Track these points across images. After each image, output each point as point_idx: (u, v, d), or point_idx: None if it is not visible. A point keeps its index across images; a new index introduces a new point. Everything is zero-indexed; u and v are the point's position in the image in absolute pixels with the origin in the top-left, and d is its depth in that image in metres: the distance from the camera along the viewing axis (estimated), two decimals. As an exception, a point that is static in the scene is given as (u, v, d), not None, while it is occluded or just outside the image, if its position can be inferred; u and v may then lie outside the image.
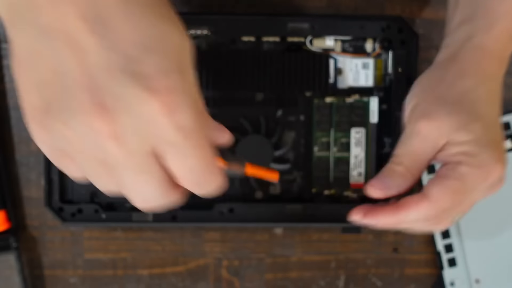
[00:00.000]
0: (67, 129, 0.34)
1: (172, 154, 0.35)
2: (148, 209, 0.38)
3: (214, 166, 0.37)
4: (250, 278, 0.64)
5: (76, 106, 0.33)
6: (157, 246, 0.63)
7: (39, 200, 0.61)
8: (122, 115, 0.33)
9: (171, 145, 0.35)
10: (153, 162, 0.35)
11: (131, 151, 0.34)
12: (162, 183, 0.36)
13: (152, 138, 0.34)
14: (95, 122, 0.33)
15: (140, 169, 0.35)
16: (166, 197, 0.37)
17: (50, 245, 0.62)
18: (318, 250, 0.64)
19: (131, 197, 0.37)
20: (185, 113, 0.34)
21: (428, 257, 0.64)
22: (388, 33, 0.59)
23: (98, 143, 0.34)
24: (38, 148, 0.36)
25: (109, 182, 0.36)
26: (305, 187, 0.61)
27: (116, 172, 0.35)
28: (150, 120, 0.34)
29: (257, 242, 0.63)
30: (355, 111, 0.60)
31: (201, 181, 0.37)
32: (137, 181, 0.36)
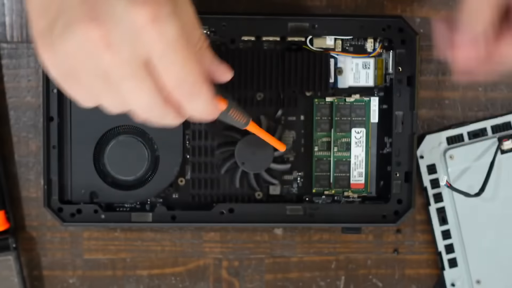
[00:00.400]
0: (67, 43, 0.38)
1: (161, 64, 0.39)
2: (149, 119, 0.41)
3: (202, 79, 0.40)
4: (250, 278, 0.63)
5: (74, 19, 0.37)
6: (157, 247, 0.63)
7: (38, 200, 0.61)
8: (113, 24, 0.37)
9: (159, 55, 0.38)
10: (146, 71, 0.39)
11: (124, 59, 0.38)
12: (156, 91, 0.39)
13: (142, 48, 0.38)
14: (89, 31, 0.37)
15: (134, 77, 0.38)
16: (162, 108, 0.40)
17: (49, 246, 0.62)
18: (318, 251, 0.64)
19: (131, 108, 0.40)
20: (171, 24, 0.38)
21: (429, 257, 0.64)
22: (389, 32, 0.59)
23: (94, 52, 0.38)
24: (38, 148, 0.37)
25: (111, 97, 0.40)
26: (305, 187, 0.61)
27: (114, 84, 0.39)
28: (137, 29, 0.37)
29: (257, 242, 0.63)
30: (355, 111, 0.60)
31: (189, 92, 0.40)
32: (133, 89, 0.39)
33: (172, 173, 0.59)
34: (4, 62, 0.61)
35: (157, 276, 0.63)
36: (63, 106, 0.58)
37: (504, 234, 0.62)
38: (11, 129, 0.61)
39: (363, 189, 0.61)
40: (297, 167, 0.61)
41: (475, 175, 0.61)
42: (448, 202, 0.62)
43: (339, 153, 0.60)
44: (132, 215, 0.59)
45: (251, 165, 0.58)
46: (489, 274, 0.63)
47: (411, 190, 0.59)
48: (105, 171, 0.59)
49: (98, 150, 0.59)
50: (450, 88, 0.63)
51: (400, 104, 0.59)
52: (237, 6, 0.61)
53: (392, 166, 0.59)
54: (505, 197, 0.62)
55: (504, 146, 0.61)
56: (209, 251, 0.63)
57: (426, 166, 0.62)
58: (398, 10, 0.62)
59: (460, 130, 0.62)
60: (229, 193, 0.60)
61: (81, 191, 0.59)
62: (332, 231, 0.63)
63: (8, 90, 0.61)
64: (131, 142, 0.59)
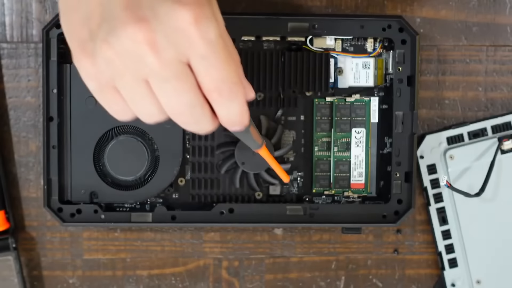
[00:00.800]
0: (110, 48, 0.39)
1: (202, 65, 0.39)
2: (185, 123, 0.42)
3: (240, 81, 0.41)
4: (250, 278, 0.63)
5: (117, 24, 0.38)
6: (157, 247, 0.63)
7: (38, 200, 0.61)
8: (159, 25, 0.38)
9: (201, 56, 0.39)
10: (187, 71, 0.39)
11: (167, 60, 0.39)
12: (196, 92, 0.40)
13: (184, 48, 0.39)
14: (135, 32, 0.38)
15: (176, 77, 0.39)
16: (200, 110, 0.41)
17: (49, 246, 0.62)
18: (318, 251, 0.64)
19: (170, 110, 0.41)
20: (212, 26, 0.39)
21: (429, 257, 0.64)
22: (389, 32, 0.59)
23: (139, 53, 0.38)
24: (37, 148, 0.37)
25: (149, 103, 0.40)
26: (305, 187, 0.61)
27: (155, 87, 0.40)
28: (181, 29, 0.38)
29: (257, 242, 0.63)
30: (355, 111, 0.60)
31: (228, 93, 0.41)
32: (174, 90, 0.40)
33: (172, 173, 0.59)
34: (4, 62, 0.61)
35: (157, 276, 0.63)
36: (63, 106, 0.58)
37: (504, 234, 0.62)
38: (11, 129, 0.61)
39: (363, 189, 0.61)
40: (297, 167, 0.61)
41: (475, 175, 0.61)
42: (448, 202, 0.62)
43: (339, 153, 0.60)
44: (132, 215, 0.59)
45: (251, 165, 0.58)
46: (489, 274, 0.63)
47: (411, 190, 0.59)
48: (105, 171, 0.59)
49: (98, 150, 0.59)
50: (450, 88, 0.63)
51: (400, 104, 0.59)
52: (237, 6, 0.61)
53: (392, 166, 0.59)
54: (505, 197, 0.62)
55: (504, 146, 0.61)
56: (209, 251, 0.63)
57: (426, 166, 0.62)
58: (398, 10, 0.62)
59: (460, 130, 0.62)
60: (229, 193, 0.60)
61: (81, 191, 0.59)
62: (332, 231, 0.63)
63: (8, 90, 0.61)
64: (131, 142, 0.59)
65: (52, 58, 0.57)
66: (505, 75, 0.63)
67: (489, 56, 0.62)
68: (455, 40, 0.62)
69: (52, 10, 0.60)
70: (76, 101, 0.58)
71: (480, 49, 0.62)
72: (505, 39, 0.62)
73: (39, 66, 0.60)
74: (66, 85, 0.58)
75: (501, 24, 0.62)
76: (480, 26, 0.62)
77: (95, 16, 0.40)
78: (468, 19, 0.62)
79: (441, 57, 0.62)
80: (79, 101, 0.58)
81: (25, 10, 0.60)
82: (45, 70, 0.57)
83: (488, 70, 0.63)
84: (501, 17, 0.62)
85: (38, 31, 0.60)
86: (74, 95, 0.58)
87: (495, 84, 0.63)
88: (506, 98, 0.63)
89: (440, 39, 0.62)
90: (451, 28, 0.62)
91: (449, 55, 0.62)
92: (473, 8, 0.62)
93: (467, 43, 0.62)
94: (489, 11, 0.62)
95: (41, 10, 0.60)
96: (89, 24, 0.40)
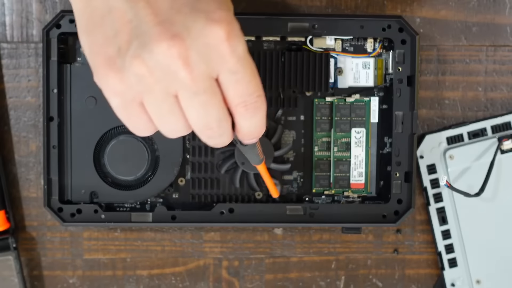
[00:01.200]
0: (142, 63, 0.40)
1: (230, 79, 0.41)
2: (209, 137, 0.43)
3: (263, 94, 0.43)
4: (250, 278, 0.63)
5: (150, 40, 0.40)
6: (157, 247, 0.63)
7: (38, 200, 0.61)
8: (192, 41, 0.40)
9: (230, 71, 0.41)
10: (215, 86, 0.41)
11: (198, 75, 0.40)
12: (223, 107, 0.42)
13: (215, 64, 0.40)
14: (169, 48, 0.39)
15: (206, 92, 0.41)
16: (225, 124, 0.43)
17: (49, 246, 0.62)
18: (318, 251, 0.64)
19: (198, 125, 0.42)
20: (241, 43, 0.41)
21: (429, 257, 0.64)
22: (389, 32, 0.59)
23: (171, 68, 0.40)
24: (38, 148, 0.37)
25: (175, 118, 0.42)
26: (305, 187, 0.61)
27: (184, 101, 0.41)
28: (214, 45, 0.40)
29: (257, 242, 0.63)
30: (355, 111, 0.60)
31: (254, 106, 0.42)
32: (203, 105, 0.41)
33: (172, 173, 0.59)
34: (4, 62, 0.61)
35: (157, 276, 0.63)
36: (63, 106, 0.58)
37: (504, 234, 0.62)
38: (11, 129, 0.61)
39: (363, 189, 0.61)
40: (297, 167, 0.61)
41: (475, 175, 0.61)
42: (448, 202, 0.62)
43: (339, 153, 0.60)
44: (132, 215, 0.59)
45: (251, 165, 0.58)
46: (489, 274, 0.63)
47: (411, 190, 0.59)
48: (105, 171, 0.59)
49: (98, 150, 0.59)
50: (450, 88, 0.63)
51: (400, 104, 0.59)
52: (237, 6, 0.61)
53: (392, 166, 0.59)
54: (505, 197, 0.62)
55: (504, 146, 0.61)
56: (209, 251, 0.63)
57: (426, 166, 0.62)
58: (398, 10, 0.62)
59: (460, 130, 0.62)
60: (229, 193, 0.60)
61: (81, 191, 0.59)
62: (332, 231, 0.63)
63: (8, 90, 0.61)
64: (131, 142, 0.59)
65: (52, 58, 0.57)
66: (505, 75, 0.63)
67: (489, 56, 0.63)
68: (455, 40, 0.62)
69: (52, 10, 0.60)
70: (76, 101, 0.58)
71: (480, 49, 0.62)
72: (505, 39, 0.62)
73: (39, 66, 0.60)
74: (66, 85, 0.58)
75: (501, 24, 0.62)
76: (480, 26, 0.62)
77: (124, 32, 0.40)
78: (468, 19, 0.62)
79: (441, 57, 0.62)
80: (79, 101, 0.58)
81: (25, 10, 0.60)
82: (45, 70, 0.57)
83: (488, 70, 0.63)
84: (501, 17, 0.62)
85: (38, 31, 0.60)
86: (74, 95, 0.58)
87: (495, 84, 0.63)
88: (506, 98, 0.63)
89: (440, 39, 0.62)
90: (451, 28, 0.62)
91: (449, 55, 0.62)
92: (473, 8, 0.62)
93: (467, 43, 0.62)
94: (489, 11, 0.62)
95: (41, 10, 0.60)
96: (116, 41, 0.40)
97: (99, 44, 0.41)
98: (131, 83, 0.41)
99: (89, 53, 0.42)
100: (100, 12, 0.41)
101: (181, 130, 0.43)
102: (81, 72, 0.58)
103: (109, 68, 0.41)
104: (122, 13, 0.40)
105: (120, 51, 0.40)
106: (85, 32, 0.42)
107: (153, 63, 0.40)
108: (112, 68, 0.41)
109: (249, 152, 0.51)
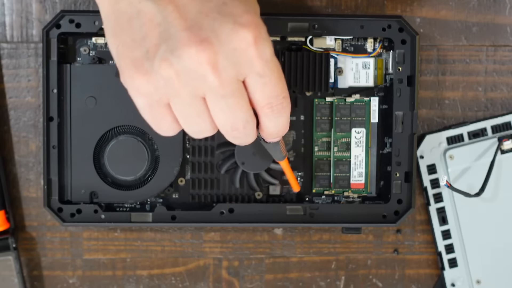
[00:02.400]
0: (171, 66, 0.40)
1: (258, 82, 0.42)
2: (237, 139, 0.44)
3: (288, 95, 0.44)
4: (250, 278, 0.63)
5: (179, 44, 0.40)
6: (157, 247, 0.63)
7: (38, 200, 0.61)
8: (220, 46, 0.40)
9: (258, 74, 0.41)
10: (242, 88, 0.42)
11: (226, 79, 0.41)
12: (249, 109, 0.43)
13: (243, 67, 0.41)
14: (198, 53, 0.40)
15: (233, 94, 0.41)
16: (252, 125, 0.43)
17: (49, 246, 0.62)
18: (318, 251, 0.64)
19: (225, 126, 0.43)
20: (268, 46, 0.42)
21: (429, 257, 0.64)
22: (389, 32, 0.59)
23: (199, 72, 0.40)
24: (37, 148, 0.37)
25: (203, 119, 0.43)
26: (305, 187, 0.61)
27: (211, 104, 0.42)
28: (242, 49, 0.41)
29: (257, 242, 0.63)
30: (355, 111, 0.60)
31: (280, 107, 0.43)
32: (230, 107, 0.42)
33: (172, 173, 0.59)
34: (4, 62, 0.61)
35: (157, 276, 0.63)
36: (63, 106, 0.58)
37: (504, 234, 0.62)
38: (11, 129, 0.61)
39: (363, 189, 0.61)
40: (297, 167, 0.61)
41: (475, 175, 0.61)
42: (448, 202, 0.62)
43: (339, 153, 0.60)
44: (132, 215, 0.59)
45: (251, 165, 0.58)
46: (489, 274, 0.63)
47: (411, 190, 0.59)
48: (105, 171, 0.59)
49: (98, 150, 0.59)
50: (450, 88, 0.63)
51: (400, 104, 0.59)
52: (237, 6, 0.61)
53: (392, 166, 0.59)
54: (505, 197, 0.62)
55: (504, 146, 0.61)
56: (209, 251, 0.63)
57: (426, 166, 0.62)
58: (398, 10, 0.62)
59: (460, 130, 0.62)
60: (229, 193, 0.60)
61: (81, 191, 0.59)
62: (332, 231, 0.63)
63: (8, 90, 0.61)
64: (131, 142, 0.59)
65: (52, 58, 0.57)
66: (505, 75, 0.63)
67: (489, 56, 0.63)
68: (455, 40, 0.62)
69: (52, 10, 0.60)
70: (76, 101, 0.58)
71: (480, 49, 0.62)
72: (505, 39, 0.62)
73: (39, 66, 0.60)
74: (66, 85, 0.58)
75: (501, 24, 0.62)
76: (480, 26, 0.62)
77: (152, 36, 0.41)
78: (468, 19, 0.62)
79: (441, 57, 0.62)
80: (79, 101, 0.58)
81: (25, 10, 0.60)
82: (45, 70, 0.57)
83: (488, 70, 0.63)
84: (501, 17, 0.62)
85: (38, 31, 0.60)
86: (74, 95, 0.58)
87: (495, 84, 0.63)
88: (506, 98, 0.63)
89: (440, 39, 0.62)
90: (451, 28, 0.62)
91: (449, 55, 0.62)
92: (473, 8, 0.62)
93: (467, 43, 0.62)
94: (489, 11, 0.62)
95: (41, 10, 0.60)
96: (145, 44, 0.41)
97: (126, 46, 0.42)
98: (158, 85, 0.41)
99: (116, 54, 0.43)
100: (128, 15, 0.42)
101: (208, 131, 0.44)
102: (81, 72, 0.58)
103: (136, 70, 0.42)
104: (150, 16, 0.41)
105: (148, 54, 0.41)
106: (113, 34, 0.43)
107: (181, 67, 0.40)
108: (140, 70, 0.41)
109: (272, 149, 0.52)
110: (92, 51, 0.59)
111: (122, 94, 0.58)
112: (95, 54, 0.59)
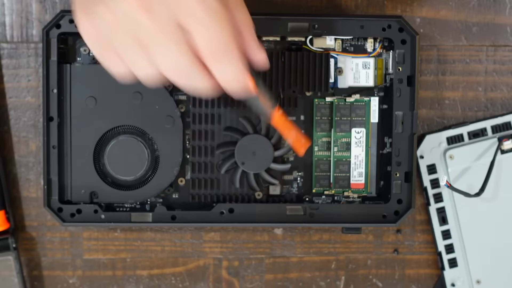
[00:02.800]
0: (108, 10, 0.41)
1: (195, 28, 0.42)
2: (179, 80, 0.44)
3: (234, 45, 0.43)
4: (250, 278, 0.63)
5: None
6: (157, 247, 0.63)
7: (38, 200, 0.61)
8: None
9: (194, 19, 0.41)
10: (180, 33, 0.42)
11: (160, 21, 0.41)
12: (189, 54, 0.42)
13: (178, 11, 0.41)
14: None
15: (169, 38, 0.42)
16: (191, 67, 0.43)
17: (49, 246, 0.62)
18: (318, 251, 0.64)
19: (165, 70, 0.43)
20: None
21: (429, 257, 0.64)
22: (389, 32, 0.59)
23: (132, 16, 0.41)
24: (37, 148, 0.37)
25: (145, 61, 0.43)
26: (305, 187, 0.61)
27: (149, 47, 0.42)
28: None
29: (257, 242, 0.63)
30: (355, 111, 0.60)
31: (219, 53, 0.42)
32: (168, 51, 0.42)
33: (172, 173, 0.59)
34: (4, 62, 0.61)
35: (157, 276, 0.63)
36: (63, 106, 0.58)
37: (504, 234, 0.62)
38: (11, 129, 0.61)
39: (363, 189, 0.61)
40: (297, 167, 0.61)
41: (475, 175, 0.61)
42: (448, 202, 0.62)
43: (339, 153, 0.60)
44: (132, 215, 0.59)
45: (251, 165, 0.58)
46: (489, 274, 0.63)
47: (411, 190, 0.59)
48: (105, 171, 0.59)
49: (98, 150, 0.59)
50: (450, 88, 0.63)
51: (400, 104, 0.59)
52: (237, 6, 0.61)
53: (392, 166, 0.59)
54: (505, 197, 0.62)
55: (504, 146, 0.61)
56: (209, 251, 0.63)
57: (426, 166, 0.62)
58: (398, 10, 0.62)
59: (460, 130, 0.62)
60: (229, 193, 0.60)
61: (81, 191, 0.59)
62: (332, 231, 0.63)
63: (8, 90, 0.61)
64: (131, 142, 0.59)
65: (52, 58, 0.57)
66: (505, 75, 0.63)
67: (489, 56, 0.63)
68: (455, 40, 0.62)
69: (52, 10, 0.60)
70: (76, 101, 0.58)
71: (480, 49, 0.63)
72: (505, 39, 0.62)
73: (39, 66, 0.60)
74: (66, 85, 0.58)
75: (501, 24, 0.62)
76: (480, 26, 0.62)
77: None
78: (468, 19, 0.62)
79: (441, 57, 0.62)
80: (79, 101, 0.58)
81: (25, 10, 0.60)
82: (45, 70, 0.57)
83: (488, 70, 0.63)
84: (501, 17, 0.62)
85: (38, 31, 0.60)
86: (74, 95, 0.58)
87: (495, 84, 0.63)
88: (506, 98, 0.63)
89: (440, 39, 0.62)
90: (451, 28, 0.62)
91: (449, 55, 0.62)
92: (473, 8, 0.62)
93: (467, 43, 0.62)
94: (489, 11, 0.62)
95: (41, 10, 0.60)
96: None
97: None
98: (101, 29, 0.43)
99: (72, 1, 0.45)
100: None
101: (153, 74, 0.44)
102: (81, 72, 0.58)
103: (82, 12, 0.43)
104: None
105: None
106: None
107: (117, 11, 0.41)
108: (85, 13, 0.43)
109: (254, 106, 0.48)
110: (92, 51, 0.59)
111: (122, 94, 0.58)
112: (95, 54, 0.59)
